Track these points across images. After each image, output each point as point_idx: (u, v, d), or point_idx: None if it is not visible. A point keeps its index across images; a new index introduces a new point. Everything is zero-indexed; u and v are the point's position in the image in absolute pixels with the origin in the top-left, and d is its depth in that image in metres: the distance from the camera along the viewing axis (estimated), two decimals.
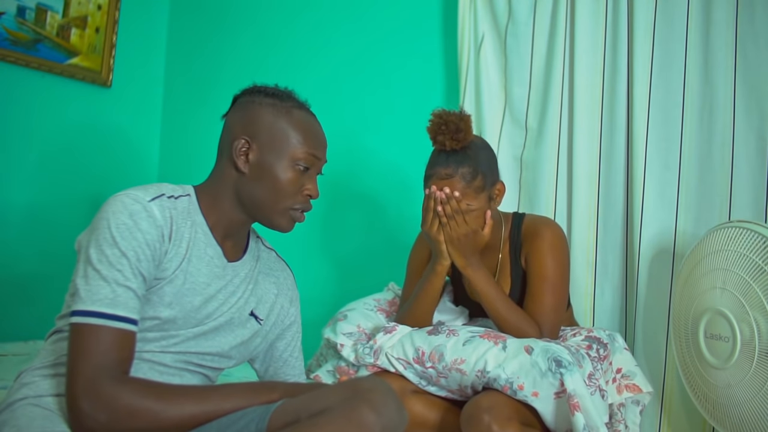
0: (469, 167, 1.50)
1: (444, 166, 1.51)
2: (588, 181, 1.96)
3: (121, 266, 0.98)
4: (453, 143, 1.50)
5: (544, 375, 1.34)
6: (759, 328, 1.40)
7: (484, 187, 1.53)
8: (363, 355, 1.54)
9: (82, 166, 2.63)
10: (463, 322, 1.70)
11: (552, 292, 1.55)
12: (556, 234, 1.60)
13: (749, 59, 1.74)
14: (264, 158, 1.12)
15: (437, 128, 1.51)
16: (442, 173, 1.50)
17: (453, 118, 1.50)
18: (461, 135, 1.49)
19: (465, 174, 1.50)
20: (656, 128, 1.85)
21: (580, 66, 1.97)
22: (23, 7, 2.42)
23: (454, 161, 1.50)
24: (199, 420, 0.97)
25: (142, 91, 2.87)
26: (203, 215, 1.13)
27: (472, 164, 1.50)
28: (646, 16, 1.87)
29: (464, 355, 1.43)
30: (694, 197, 1.81)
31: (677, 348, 1.67)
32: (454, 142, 1.50)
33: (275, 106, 1.14)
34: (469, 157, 1.51)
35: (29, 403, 0.99)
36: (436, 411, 1.50)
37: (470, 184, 1.50)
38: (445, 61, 2.31)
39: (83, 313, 0.96)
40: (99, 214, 1.02)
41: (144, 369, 1.04)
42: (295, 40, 2.64)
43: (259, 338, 1.23)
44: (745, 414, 1.44)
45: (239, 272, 1.18)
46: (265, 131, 1.12)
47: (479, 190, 1.52)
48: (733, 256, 1.48)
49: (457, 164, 1.50)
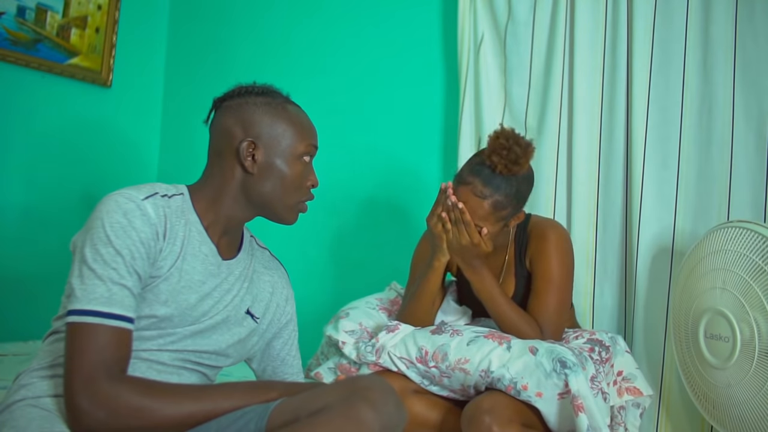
0: (505, 197, 1.47)
1: (483, 185, 1.47)
2: (587, 180, 1.95)
3: (116, 265, 0.98)
4: (505, 170, 1.46)
5: (549, 375, 1.34)
6: (759, 328, 1.40)
7: (507, 217, 1.52)
8: (365, 353, 1.53)
9: (82, 166, 2.63)
10: (466, 322, 1.70)
11: (555, 294, 1.55)
12: (562, 236, 1.60)
13: (749, 58, 1.74)
14: (271, 157, 1.14)
15: (498, 149, 1.46)
16: (478, 190, 1.47)
17: (517, 149, 1.45)
18: (516, 168, 1.46)
19: (497, 202, 1.47)
20: (655, 127, 1.85)
21: (579, 66, 1.97)
22: (23, 7, 2.42)
23: (494, 185, 1.47)
24: (197, 419, 0.97)
25: (142, 91, 2.87)
26: (197, 214, 1.14)
27: (508, 195, 1.48)
28: (645, 16, 1.87)
29: (468, 355, 1.43)
30: (692, 196, 1.81)
31: (677, 348, 1.67)
32: (506, 170, 1.46)
33: (270, 105, 1.16)
34: (511, 186, 1.47)
35: (28, 404, 0.99)
36: (437, 411, 1.50)
37: (495, 212, 1.48)
38: (445, 60, 2.31)
39: (79, 312, 0.96)
40: (93, 214, 1.02)
41: (142, 368, 1.04)
42: (294, 41, 2.64)
43: (256, 336, 1.23)
44: (745, 414, 1.44)
45: (234, 270, 1.18)
46: (267, 131, 1.14)
47: (500, 219, 1.50)
48: (733, 256, 1.48)
49: (495, 189, 1.47)
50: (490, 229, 1.50)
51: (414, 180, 2.30)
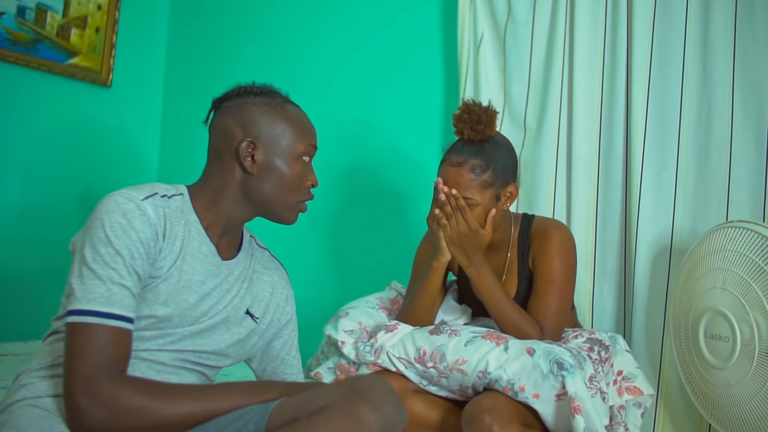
0: (482, 160, 1.50)
1: (458, 154, 1.52)
2: (587, 180, 1.95)
3: (116, 265, 0.99)
4: (472, 133, 1.51)
5: (546, 377, 1.34)
6: (759, 328, 1.40)
7: (492, 184, 1.52)
8: (364, 353, 1.53)
9: (82, 166, 2.63)
10: (466, 321, 1.70)
11: (557, 294, 1.55)
12: (565, 236, 1.60)
13: (748, 58, 1.74)
14: (270, 157, 1.14)
15: (460, 116, 1.53)
16: (454, 160, 1.51)
17: (477, 109, 1.51)
18: (481, 127, 1.50)
19: (475, 166, 1.50)
20: (654, 127, 1.85)
21: (579, 65, 1.97)
22: (23, 7, 2.42)
23: (469, 151, 1.51)
24: (197, 418, 0.97)
25: (142, 91, 2.88)
26: (197, 214, 1.14)
27: (485, 158, 1.51)
28: (645, 16, 1.86)
29: (466, 356, 1.42)
30: (691, 196, 1.81)
31: (677, 348, 1.66)
32: (472, 133, 1.51)
33: (269, 105, 1.16)
34: (484, 150, 1.51)
35: (27, 404, 0.99)
36: (437, 411, 1.49)
37: (478, 177, 1.50)
38: (445, 60, 2.31)
39: (79, 312, 0.96)
40: (93, 215, 1.02)
41: (142, 368, 1.04)
42: (294, 40, 2.64)
43: (255, 336, 1.23)
44: (745, 414, 1.44)
45: (233, 270, 1.18)
46: (266, 131, 1.15)
47: (486, 186, 1.51)
48: (733, 256, 1.48)
49: (470, 154, 1.50)
50: (480, 200, 1.51)
51: (414, 180, 2.30)
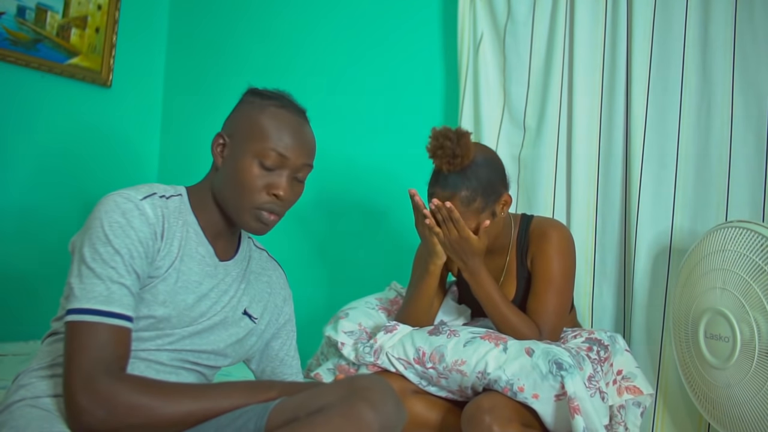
0: (467, 191, 1.48)
1: (442, 189, 1.49)
2: (586, 180, 1.95)
3: (115, 264, 0.99)
4: (449, 167, 1.48)
5: (545, 377, 1.34)
6: (759, 328, 1.40)
7: (485, 207, 1.51)
8: (363, 354, 1.53)
9: (82, 166, 2.64)
10: (465, 321, 1.70)
11: (555, 294, 1.55)
12: (564, 236, 1.59)
13: (748, 58, 1.74)
14: (234, 153, 1.11)
15: (434, 150, 1.48)
16: (440, 195, 1.49)
17: (449, 143, 1.46)
18: (458, 161, 1.47)
19: (463, 198, 1.48)
20: (654, 127, 1.85)
21: (579, 65, 1.97)
22: (23, 7, 2.42)
23: (452, 185, 1.48)
24: (196, 417, 0.97)
25: (142, 91, 2.88)
26: (195, 215, 1.14)
27: (470, 187, 1.48)
28: (645, 15, 1.87)
29: (465, 357, 1.42)
30: (691, 196, 1.81)
31: (677, 348, 1.66)
32: (451, 166, 1.47)
33: (253, 104, 1.14)
34: (467, 178, 1.48)
35: (27, 404, 0.99)
36: (437, 411, 1.49)
37: (470, 206, 1.49)
38: (445, 60, 2.31)
39: (78, 311, 0.96)
40: (92, 215, 1.03)
41: (141, 367, 1.04)
42: (295, 40, 2.64)
43: (254, 337, 1.23)
44: (745, 414, 1.44)
45: (231, 271, 1.18)
46: (240, 127, 1.12)
47: (479, 211, 1.50)
48: (733, 256, 1.48)
49: (453, 188, 1.48)
50: (477, 223, 1.50)
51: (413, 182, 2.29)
